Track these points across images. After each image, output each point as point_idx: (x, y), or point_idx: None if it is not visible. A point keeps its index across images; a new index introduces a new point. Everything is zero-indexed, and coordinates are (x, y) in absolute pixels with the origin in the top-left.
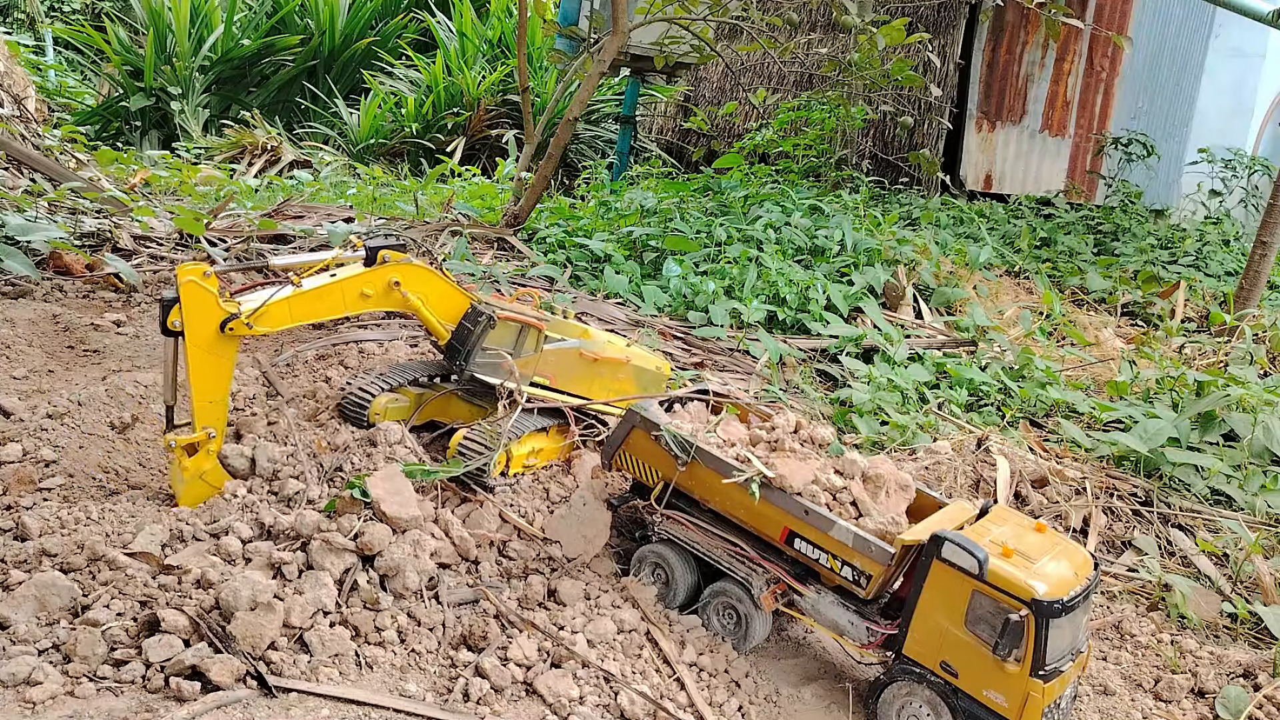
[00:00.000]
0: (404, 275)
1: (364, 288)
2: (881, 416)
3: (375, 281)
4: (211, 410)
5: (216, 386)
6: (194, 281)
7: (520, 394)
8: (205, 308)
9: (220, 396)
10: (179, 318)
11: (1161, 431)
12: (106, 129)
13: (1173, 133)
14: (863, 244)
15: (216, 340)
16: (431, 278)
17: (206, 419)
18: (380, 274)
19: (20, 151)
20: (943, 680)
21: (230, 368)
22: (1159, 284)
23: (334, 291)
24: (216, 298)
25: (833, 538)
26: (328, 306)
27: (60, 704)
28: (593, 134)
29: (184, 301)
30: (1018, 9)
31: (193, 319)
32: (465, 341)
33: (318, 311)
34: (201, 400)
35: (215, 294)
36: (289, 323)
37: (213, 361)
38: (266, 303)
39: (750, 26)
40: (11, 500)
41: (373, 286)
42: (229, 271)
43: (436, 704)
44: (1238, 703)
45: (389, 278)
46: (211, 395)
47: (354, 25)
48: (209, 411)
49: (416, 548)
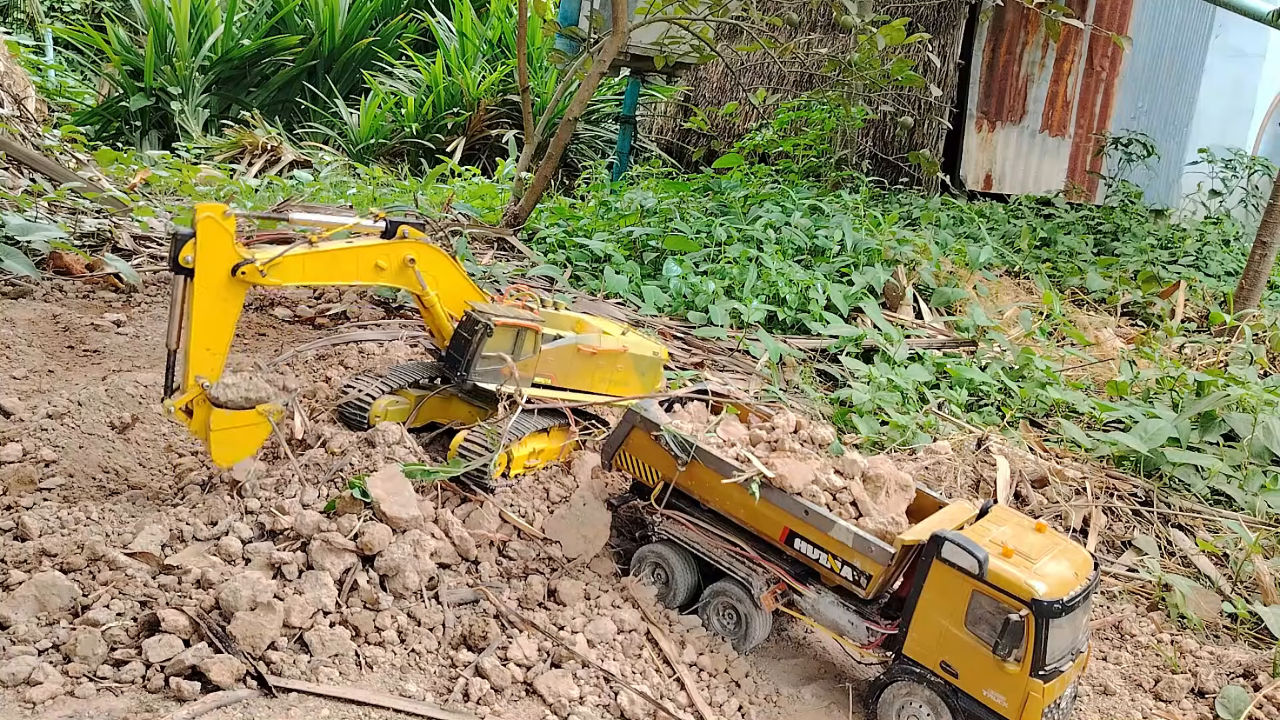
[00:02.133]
0: (420, 254)
1: (380, 259)
2: (881, 416)
3: (391, 255)
4: (208, 359)
5: (218, 335)
6: (212, 219)
7: (522, 396)
8: (221, 247)
9: (219, 347)
10: (191, 254)
11: (1161, 431)
12: (106, 129)
13: (1173, 133)
14: (863, 244)
15: (227, 283)
16: (446, 263)
17: (201, 367)
18: (397, 248)
19: (20, 151)
20: (943, 680)
21: (234, 317)
22: (1159, 284)
23: (350, 257)
24: (233, 238)
25: (833, 538)
26: (342, 271)
27: (60, 704)
28: (593, 134)
29: (200, 238)
30: (1018, 9)
31: (206, 257)
32: (464, 351)
33: (331, 274)
34: (199, 347)
35: (232, 234)
36: (300, 279)
37: (219, 306)
38: (283, 254)
39: (750, 26)
40: (11, 500)
41: (388, 260)
42: (250, 218)
43: (436, 704)
44: (1238, 703)
45: (405, 254)
46: (210, 343)
47: (354, 25)
48: (205, 360)
49: (416, 548)
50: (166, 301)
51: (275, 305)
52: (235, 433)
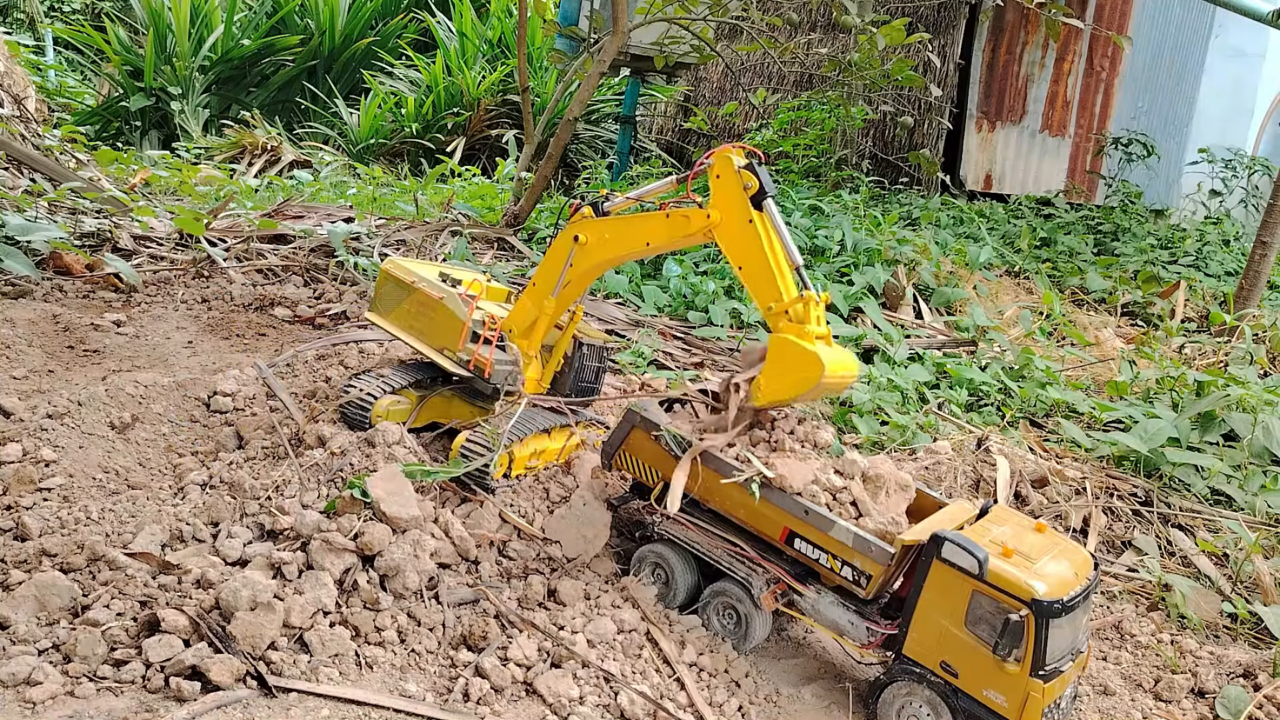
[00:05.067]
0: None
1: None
2: (881, 416)
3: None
4: (785, 279)
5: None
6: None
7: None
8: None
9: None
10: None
11: (1161, 431)
12: (106, 129)
13: (1173, 133)
14: (863, 244)
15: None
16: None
17: (788, 285)
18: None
19: (20, 151)
20: (943, 680)
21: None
22: (1159, 284)
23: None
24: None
25: (833, 538)
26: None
27: (60, 704)
28: (593, 134)
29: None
30: (1018, 9)
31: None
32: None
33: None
34: (778, 269)
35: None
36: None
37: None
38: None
39: (750, 26)
40: (11, 500)
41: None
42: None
43: (436, 704)
44: (1238, 703)
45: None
46: (780, 265)
47: (354, 25)
48: (786, 278)
49: (416, 548)
50: (166, 302)
51: (275, 305)
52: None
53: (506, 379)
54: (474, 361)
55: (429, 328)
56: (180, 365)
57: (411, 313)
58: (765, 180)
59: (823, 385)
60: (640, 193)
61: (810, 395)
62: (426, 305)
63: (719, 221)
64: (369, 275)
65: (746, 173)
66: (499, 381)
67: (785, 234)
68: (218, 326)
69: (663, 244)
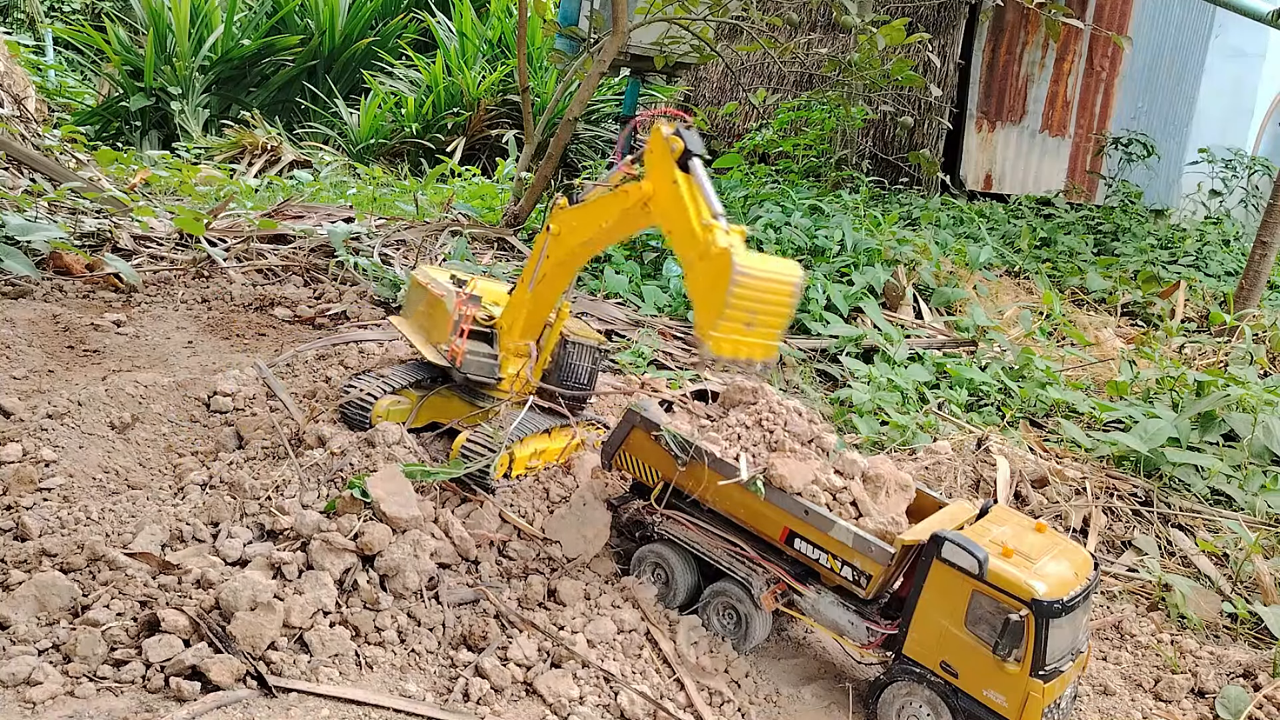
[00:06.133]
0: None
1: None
2: (881, 416)
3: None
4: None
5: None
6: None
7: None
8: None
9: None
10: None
11: (1161, 431)
12: (106, 129)
13: (1173, 133)
14: (863, 244)
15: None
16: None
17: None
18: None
19: (20, 151)
20: (943, 680)
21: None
22: (1159, 284)
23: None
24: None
25: (833, 538)
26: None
27: (60, 704)
28: (593, 134)
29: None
30: (1018, 9)
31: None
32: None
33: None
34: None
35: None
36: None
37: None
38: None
39: (750, 26)
40: (11, 500)
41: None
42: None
43: (436, 704)
44: (1238, 703)
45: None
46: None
47: (354, 25)
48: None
49: (416, 548)
50: (166, 302)
51: (275, 305)
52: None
53: (478, 370)
54: (450, 352)
55: (432, 326)
56: (180, 365)
57: (423, 314)
58: (691, 141)
59: (742, 280)
60: (605, 178)
61: (742, 304)
62: (432, 305)
63: (651, 191)
64: (369, 275)
65: (674, 137)
66: (469, 371)
67: (709, 189)
68: (218, 326)
69: (616, 223)
